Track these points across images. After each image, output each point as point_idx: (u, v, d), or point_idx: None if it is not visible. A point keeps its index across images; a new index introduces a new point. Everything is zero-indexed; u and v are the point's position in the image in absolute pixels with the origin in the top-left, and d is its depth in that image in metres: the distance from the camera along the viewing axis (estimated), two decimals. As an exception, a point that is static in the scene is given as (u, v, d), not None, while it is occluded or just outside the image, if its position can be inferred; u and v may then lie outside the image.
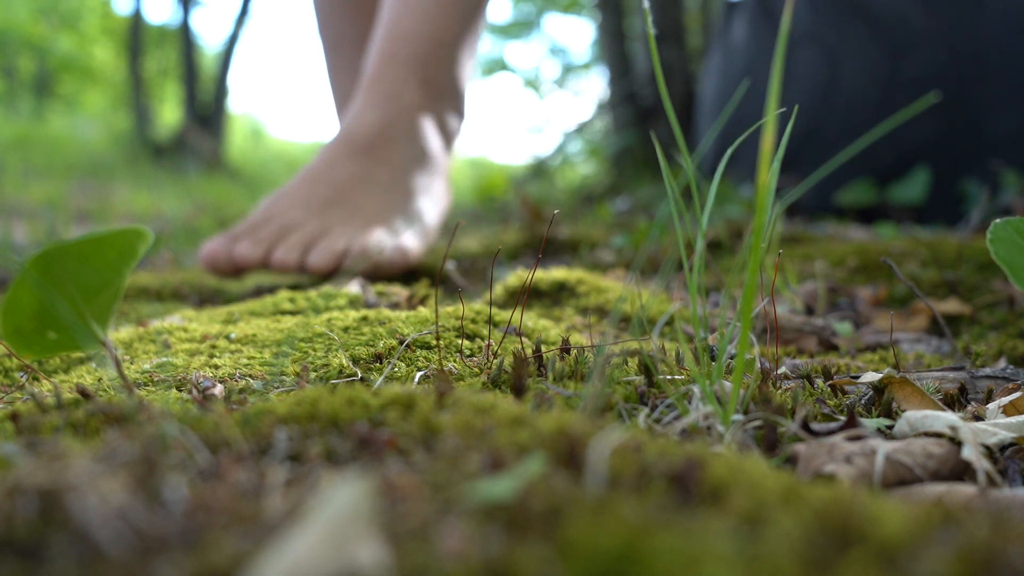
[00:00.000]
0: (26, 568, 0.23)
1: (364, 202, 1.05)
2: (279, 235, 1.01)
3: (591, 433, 0.32)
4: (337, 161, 1.08)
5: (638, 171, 3.22)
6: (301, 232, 1.00)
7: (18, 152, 5.63)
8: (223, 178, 5.92)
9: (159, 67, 10.30)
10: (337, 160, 1.09)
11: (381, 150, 1.09)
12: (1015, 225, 0.52)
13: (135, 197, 3.81)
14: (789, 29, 0.39)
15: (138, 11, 8.30)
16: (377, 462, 0.32)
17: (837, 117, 1.86)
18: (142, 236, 0.46)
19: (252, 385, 0.53)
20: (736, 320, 0.47)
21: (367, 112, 1.10)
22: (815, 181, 0.41)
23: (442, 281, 1.13)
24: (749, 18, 2.14)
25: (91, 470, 0.27)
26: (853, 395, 0.54)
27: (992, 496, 0.36)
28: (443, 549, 0.24)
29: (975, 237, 1.18)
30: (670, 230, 1.43)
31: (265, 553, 0.23)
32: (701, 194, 1.20)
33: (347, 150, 1.09)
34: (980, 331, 0.83)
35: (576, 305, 0.86)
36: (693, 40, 3.86)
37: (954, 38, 1.74)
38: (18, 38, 9.76)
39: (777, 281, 0.94)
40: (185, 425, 0.34)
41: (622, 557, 0.23)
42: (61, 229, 2.00)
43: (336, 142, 1.11)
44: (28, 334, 0.47)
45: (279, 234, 1.01)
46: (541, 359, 0.54)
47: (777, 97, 0.37)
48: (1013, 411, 0.48)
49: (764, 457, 0.40)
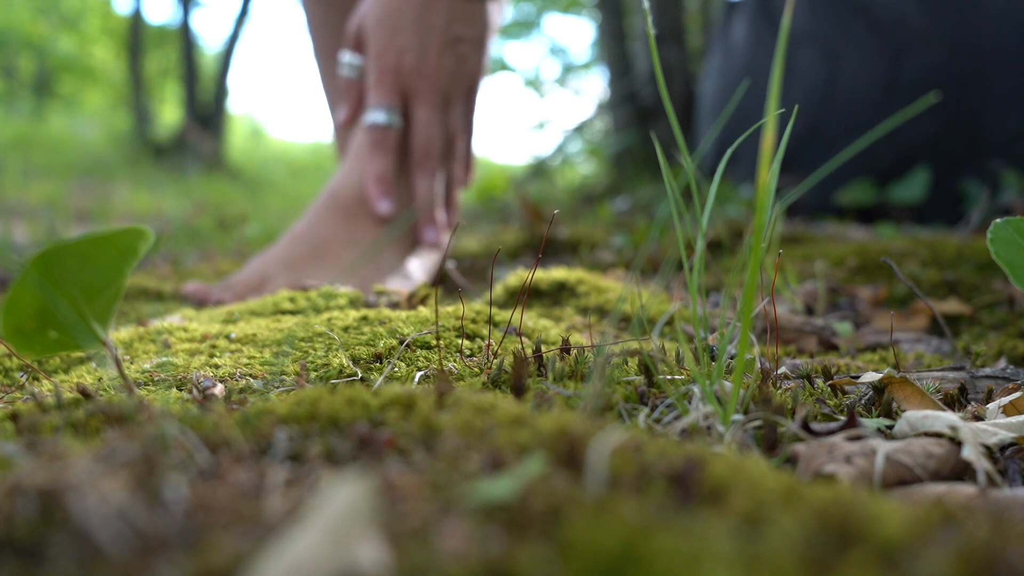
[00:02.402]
0: (26, 568, 0.23)
1: (345, 258, 1.04)
2: (255, 287, 1.01)
3: (591, 433, 0.32)
4: (319, 221, 1.09)
5: (638, 171, 3.22)
6: (275, 283, 1.00)
7: (18, 152, 5.63)
8: (223, 178, 5.93)
9: (159, 67, 10.31)
10: (319, 220, 1.09)
11: (366, 209, 1.08)
12: (1015, 225, 0.52)
13: (135, 197, 3.81)
14: (789, 29, 0.39)
15: (138, 11, 8.31)
16: (377, 462, 0.32)
17: (837, 117, 1.86)
18: (143, 236, 0.46)
19: (252, 385, 0.53)
20: (736, 320, 0.47)
21: (352, 172, 1.10)
22: (815, 181, 0.41)
23: (442, 281, 1.13)
24: (749, 18, 2.14)
25: (91, 470, 0.27)
26: (853, 395, 0.54)
27: (992, 496, 0.36)
28: (443, 549, 0.24)
29: (975, 237, 1.18)
30: (670, 230, 1.43)
31: (265, 553, 0.23)
32: (701, 194, 1.20)
33: (330, 210, 1.09)
34: (980, 331, 0.83)
35: (576, 305, 0.86)
36: (693, 40, 3.86)
37: (954, 38, 1.74)
38: (18, 38, 9.76)
39: (777, 281, 0.94)
40: (185, 425, 0.34)
41: (622, 557, 0.23)
42: (61, 229, 2.00)
43: (320, 202, 1.11)
44: (29, 333, 0.47)
45: (254, 287, 1.01)
46: (541, 359, 0.54)
47: (777, 97, 0.37)
48: (1013, 411, 0.48)
49: (764, 457, 0.40)
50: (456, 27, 1.08)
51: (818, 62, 1.91)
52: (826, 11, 1.92)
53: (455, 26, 1.08)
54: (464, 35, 1.09)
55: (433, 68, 1.07)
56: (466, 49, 1.09)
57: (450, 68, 1.08)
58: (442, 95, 1.09)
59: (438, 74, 1.08)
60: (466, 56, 1.09)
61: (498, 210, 2.78)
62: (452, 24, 1.08)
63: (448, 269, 1.10)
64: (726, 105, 1.60)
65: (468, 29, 1.08)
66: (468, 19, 1.08)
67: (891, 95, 1.79)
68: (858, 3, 1.87)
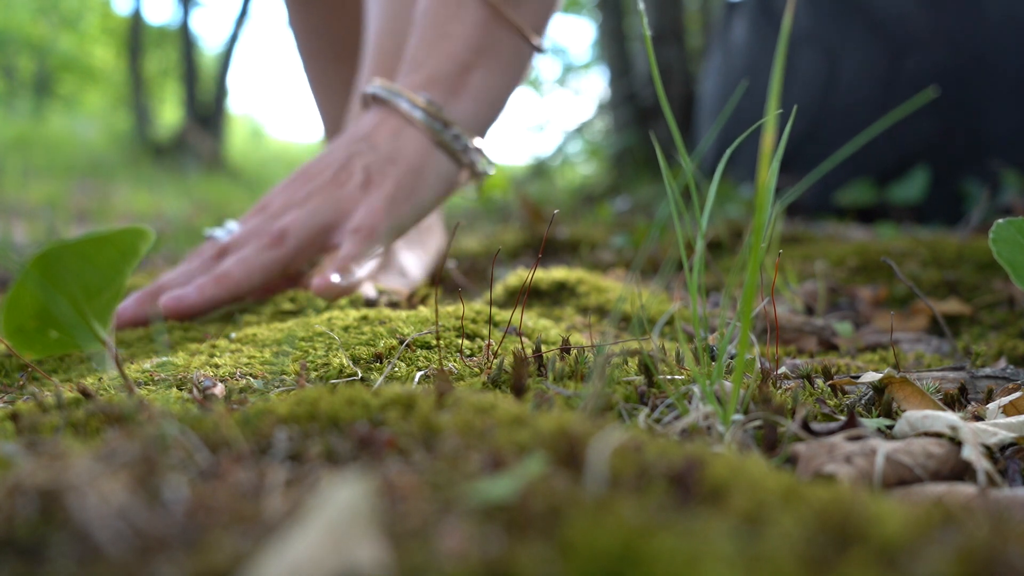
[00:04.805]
0: (26, 568, 0.23)
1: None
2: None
3: (591, 433, 0.32)
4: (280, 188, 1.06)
5: (638, 171, 3.22)
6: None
7: (18, 152, 5.62)
8: (223, 178, 5.93)
9: (159, 67, 10.32)
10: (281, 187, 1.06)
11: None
12: (1017, 225, 0.52)
13: (135, 197, 3.81)
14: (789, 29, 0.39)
15: (138, 11, 8.31)
16: (377, 462, 0.32)
17: (837, 117, 1.86)
18: (144, 235, 0.46)
19: (252, 384, 0.53)
20: (736, 320, 0.47)
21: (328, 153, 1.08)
22: (815, 181, 0.41)
23: (442, 280, 1.13)
24: (749, 18, 2.14)
25: (91, 470, 0.27)
26: (853, 395, 0.54)
27: (992, 496, 0.36)
28: (443, 549, 0.24)
29: (975, 237, 1.18)
30: (670, 230, 1.43)
31: (265, 553, 0.23)
32: (701, 194, 1.20)
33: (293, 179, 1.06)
34: (980, 331, 0.83)
35: (576, 305, 0.86)
36: (693, 40, 3.87)
37: (954, 38, 1.74)
38: (18, 38, 9.76)
39: (777, 281, 0.94)
40: (185, 425, 0.34)
41: (622, 557, 0.23)
42: (61, 229, 2.00)
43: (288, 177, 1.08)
44: (30, 333, 0.47)
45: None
46: (541, 359, 0.54)
47: (777, 97, 0.37)
48: (1013, 411, 0.48)
49: (764, 457, 0.40)
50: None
51: (818, 62, 1.91)
52: (826, 11, 1.92)
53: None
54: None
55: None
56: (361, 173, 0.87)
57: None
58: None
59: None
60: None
61: (498, 210, 2.78)
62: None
63: (448, 269, 1.10)
64: (726, 105, 1.60)
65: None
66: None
67: (891, 95, 1.79)
68: (858, 3, 1.87)
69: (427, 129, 0.88)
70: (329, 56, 1.36)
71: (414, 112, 0.88)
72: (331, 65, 1.36)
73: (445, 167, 0.91)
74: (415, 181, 0.88)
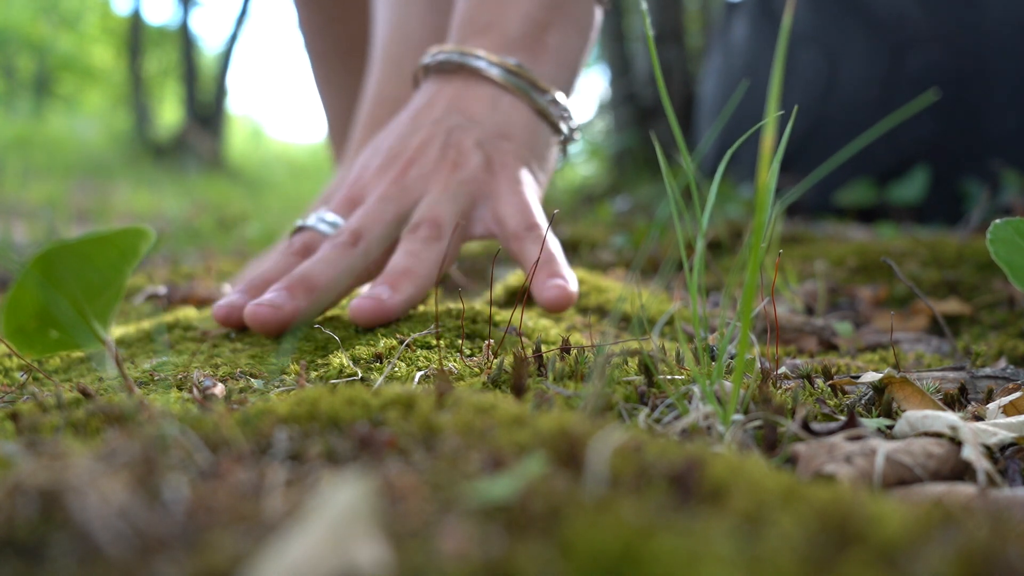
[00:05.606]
0: (26, 568, 0.23)
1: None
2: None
3: (591, 433, 0.32)
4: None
5: (638, 171, 3.22)
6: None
7: (18, 152, 5.63)
8: (223, 178, 5.93)
9: (159, 67, 10.32)
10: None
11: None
12: (1015, 225, 0.52)
13: (135, 197, 3.81)
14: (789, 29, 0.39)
15: (138, 11, 8.32)
16: (377, 462, 0.32)
17: (837, 117, 1.86)
18: (144, 235, 0.46)
19: (252, 385, 0.53)
20: (736, 320, 0.47)
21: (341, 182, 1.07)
22: (815, 181, 0.41)
23: (442, 281, 1.13)
24: (749, 18, 2.14)
25: (91, 470, 0.27)
26: (853, 395, 0.54)
27: (992, 496, 0.36)
28: (443, 549, 0.24)
29: (975, 237, 1.18)
30: (670, 230, 1.43)
31: (265, 553, 0.23)
32: (701, 194, 1.20)
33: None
34: (980, 331, 0.83)
35: (576, 305, 0.86)
36: (693, 40, 3.86)
37: (954, 38, 1.74)
38: (18, 38, 9.77)
39: (777, 281, 0.94)
40: (185, 425, 0.34)
41: (622, 557, 0.23)
42: (61, 229, 2.00)
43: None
44: (30, 333, 0.47)
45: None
46: (541, 359, 0.54)
47: (777, 97, 0.37)
48: (1013, 411, 0.48)
49: (764, 457, 0.40)
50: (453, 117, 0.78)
51: (818, 62, 1.91)
52: (826, 11, 1.92)
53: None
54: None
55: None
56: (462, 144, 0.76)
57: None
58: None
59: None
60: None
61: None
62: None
63: (448, 269, 1.10)
64: (726, 105, 1.60)
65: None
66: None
67: (891, 94, 1.79)
68: (858, 3, 1.87)
69: (525, 96, 0.77)
70: (336, 57, 1.36)
71: (509, 78, 0.76)
72: (338, 66, 1.36)
73: (549, 138, 0.80)
74: (534, 159, 0.77)
